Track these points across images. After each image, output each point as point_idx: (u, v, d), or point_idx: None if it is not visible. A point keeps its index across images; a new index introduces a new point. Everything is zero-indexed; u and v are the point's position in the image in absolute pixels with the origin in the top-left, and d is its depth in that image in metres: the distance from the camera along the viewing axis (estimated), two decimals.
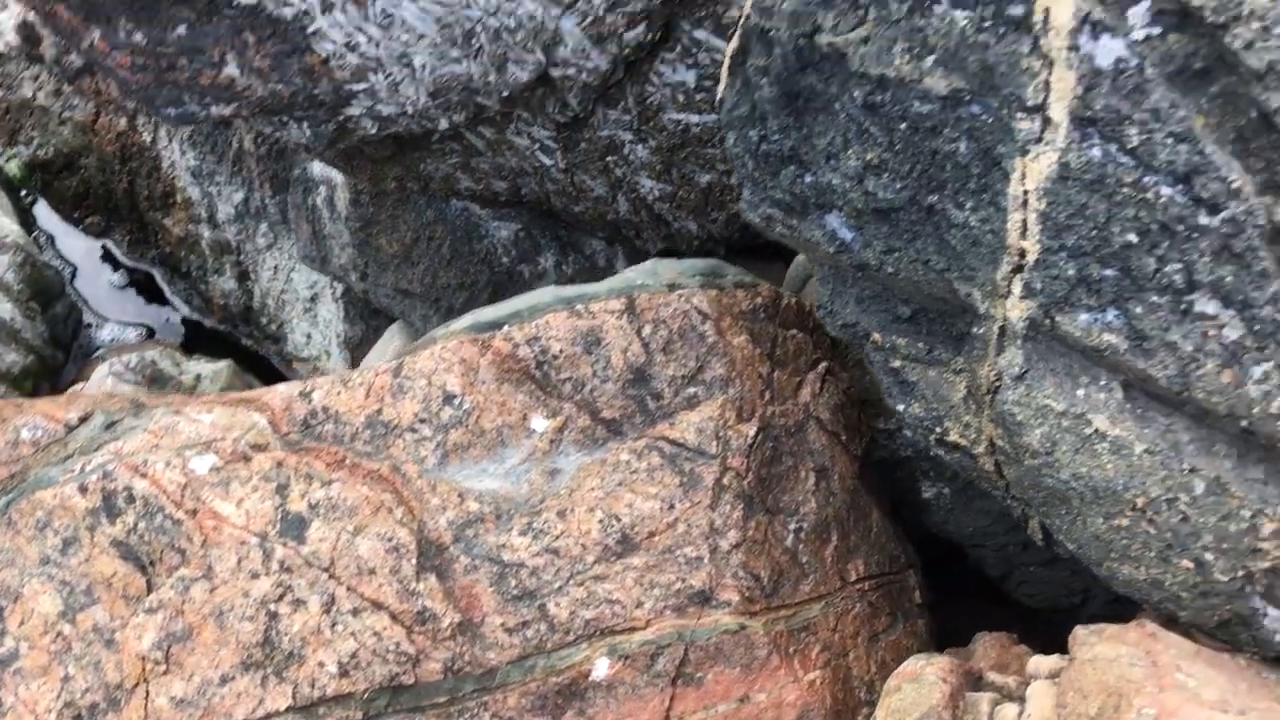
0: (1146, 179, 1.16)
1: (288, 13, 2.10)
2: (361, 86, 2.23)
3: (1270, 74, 1.09)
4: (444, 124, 2.35)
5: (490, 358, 1.64)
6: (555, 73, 2.24)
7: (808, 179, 1.40)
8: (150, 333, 3.72)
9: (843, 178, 1.35)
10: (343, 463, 1.50)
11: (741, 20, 1.44)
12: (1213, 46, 1.11)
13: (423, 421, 1.58)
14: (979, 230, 1.26)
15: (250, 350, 3.63)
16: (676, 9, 2.17)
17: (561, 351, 1.65)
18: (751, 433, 1.65)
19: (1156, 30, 1.13)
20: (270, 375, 3.51)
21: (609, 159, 2.53)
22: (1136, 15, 1.13)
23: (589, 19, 2.14)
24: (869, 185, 1.33)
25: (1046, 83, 1.18)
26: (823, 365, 1.80)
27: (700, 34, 2.23)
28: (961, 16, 1.20)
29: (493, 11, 2.12)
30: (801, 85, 1.35)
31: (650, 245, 2.79)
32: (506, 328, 1.66)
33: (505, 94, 2.26)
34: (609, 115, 2.41)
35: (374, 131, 2.36)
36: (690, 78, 2.28)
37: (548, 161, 2.56)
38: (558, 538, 1.52)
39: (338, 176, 2.82)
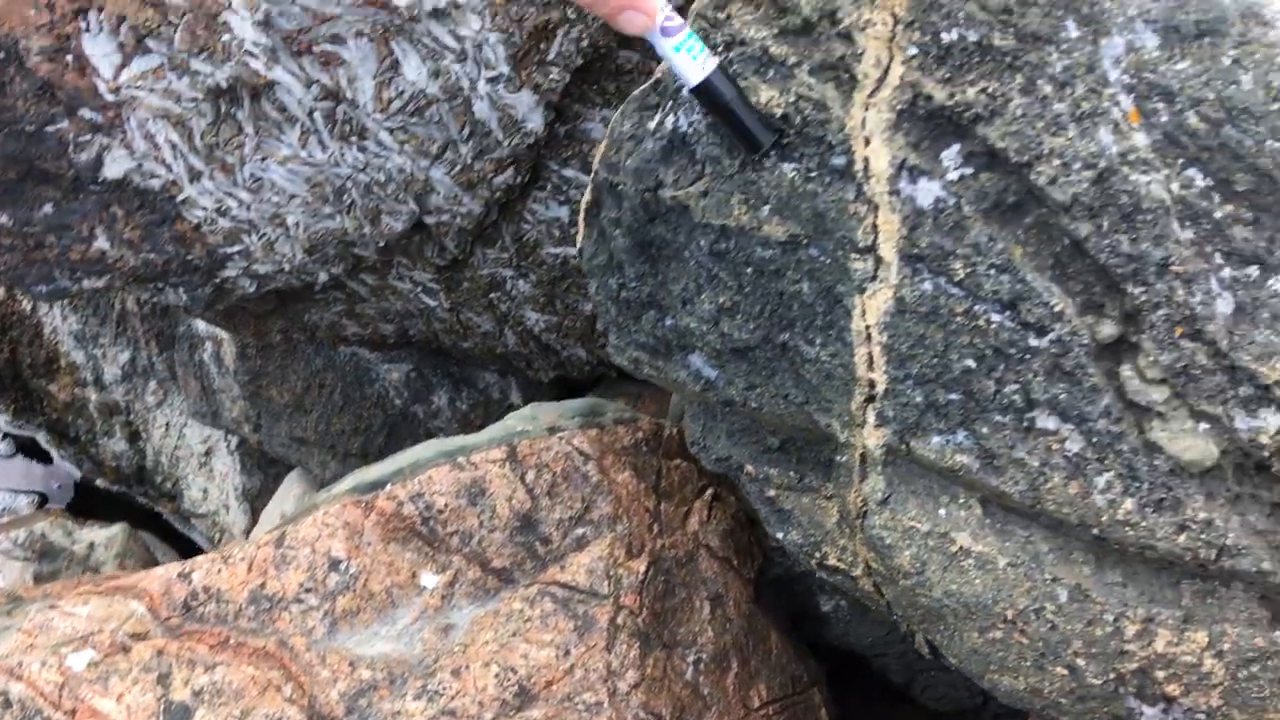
0: (976, 308, 1.22)
1: (155, 184, 2.12)
2: (236, 249, 2.24)
3: (1075, 205, 1.16)
4: (323, 277, 2.37)
5: (375, 518, 1.63)
6: (430, 220, 2.28)
7: (668, 322, 1.44)
8: (42, 500, 3.61)
9: (699, 320, 1.39)
10: (227, 643, 1.48)
11: (592, 175, 1.49)
12: (1021, 183, 1.19)
13: (309, 591, 1.56)
14: (830, 364, 1.31)
15: (147, 509, 3.55)
16: (543, 151, 2.24)
17: (447, 505, 1.66)
18: (642, 569, 1.66)
19: (969, 171, 1.20)
20: (169, 534, 3.43)
21: (492, 295, 2.57)
22: (949, 158, 1.21)
23: (458, 167, 2.19)
24: (724, 327, 1.38)
25: (874, 225, 1.24)
26: (709, 492, 1.83)
27: (569, 172, 2.29)
28: (789, 169, 1.26)
29: (362, 167, 2.16)
30: (652, 235, 1.40)
31: (542, 375, 2.82)
32: (389, 486, 1.66)
33: (382, 244, 2.30)
34: (488, 254, 2.46)
35: (253, 290, 2.36)
36: (563, 213, 2.34)
37: (432, 303, 2.58)
38: (454, 698, 1.50)
39: (223, 331, 2.81)
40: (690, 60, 1.14)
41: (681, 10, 1.27)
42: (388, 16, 2.00)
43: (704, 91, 1.15)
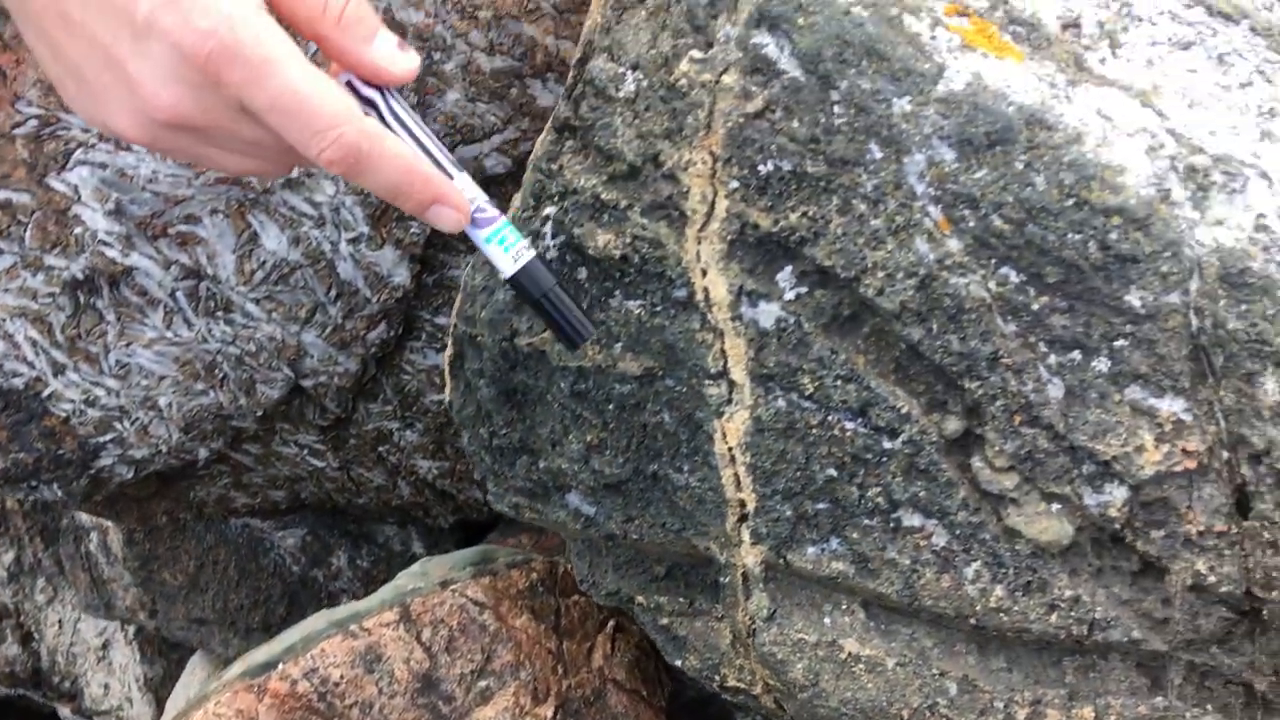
0: (830, 418, 1.27)
1: (18, 383, 2.08)
2: (109, 437, 2.20)
3: (904, 312, 1.22)
4: (204, 453, 2.33)
5: (269, 702, 1.59)
6: (307, 383, 2.27)
7: (541, 465, 1.46)
8: None
9: (570, 460, 1.41)
10: None
11: (451, 329, 1.51)
12: (853, 296, 1.24)
13: None
14: (700, 489, 1.34)
15: (48, 712, 3.38)
16: (413, 302, 2.26)
17: (343, 677, 1.62)
18: (550, 713, 1.64)
19: (804, 289, 1.26)
20: None
21: (381, 449, 2.55)
22: (784, 279, 1.26)
23: (329, 329, 2.20)
24: (595, 464, 1.40)
25: (722, 351, 1.28)
26: (610, 624, 1.83)
27: (442, 319, 2.32)
28: (635, 305, 1.30)
29: (231, 340, 2.15)
30: (515, 382, 1.42)
31: (442, 520, 2.80)
32: (281, 665, 1.62)
33: (260, 413, 2.28)
34: (371, 409, 2.45)
35: (131, 476, 2.31)
36: (441, 360, 2.36)
37: (320, 464, 2.55)
38: None
39: (107, 520, 2.73)
40: (503, 253, 1.12)
41: (521, 161, 1.31)
42: (241, 191, 2.03)
43: (518, 284, 1.13)
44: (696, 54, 1.24)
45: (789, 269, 1.26)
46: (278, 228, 2.08)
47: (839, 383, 1.25)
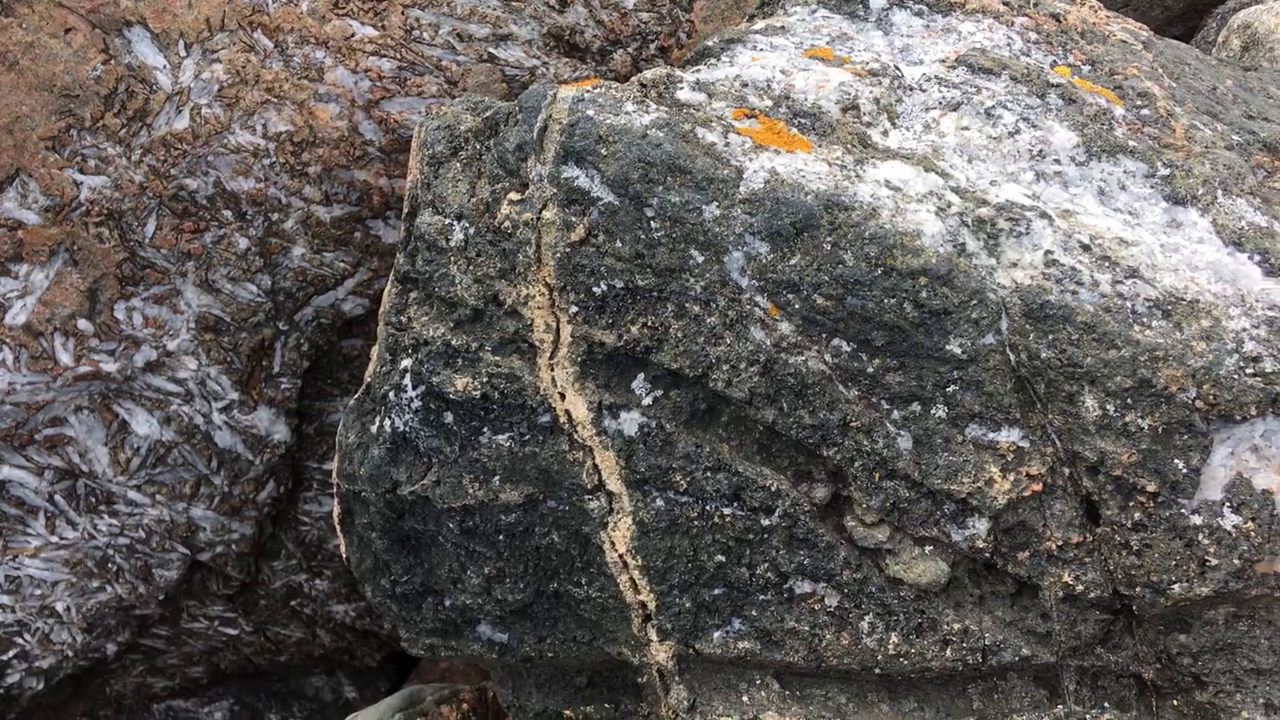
0: (708, 508, 1.33)
1: None
2: (11, 653, 2.15)
3: (754, 398, 1.30)
4: (112, 649, 2.29)
5: None
6: (204, 557, 2.26)
7: (447, 604, 1.49)
8: None
9: (472, 595, 1.45)
10: None
11: (335, 488, 1.54)
12: (705, 391, 1.32)
13: None
14: (601, 599, 1.39)
15: None
16: (298, 454, 2.27)
17: None
18: None
19: (659, 393, 1.33)
20: None
21: (293, 603, 2.54)
22: (639, 386, 1.33)
23: (217, 499, 2.19)
24: (497, 593, 1.43)
25: (594, 465, 1.34)
26: None
27: (329, 465, 2.33)
28: (504, 439, 1.35)
29: (118, 532, 2.13)
30: (406, 530, 1.46)
31: (369, 660, 2.78)
32: None
33: (161, 597, 2.25)
34: (275, 567, 2.44)
35: (42, 686, 2.26)
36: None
37: (233, 631, 2.52)
38: None
39: None
40: None
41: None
42: (102, 384, 2.02)
43: None
44: (514, 196, 1.31)
45: (641, 376, 1.33)
46: (146, 412, 2.08)
47: (709, 473, 1.32)
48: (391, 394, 1.39)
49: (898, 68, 1.44)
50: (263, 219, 2.01)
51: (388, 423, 1.41)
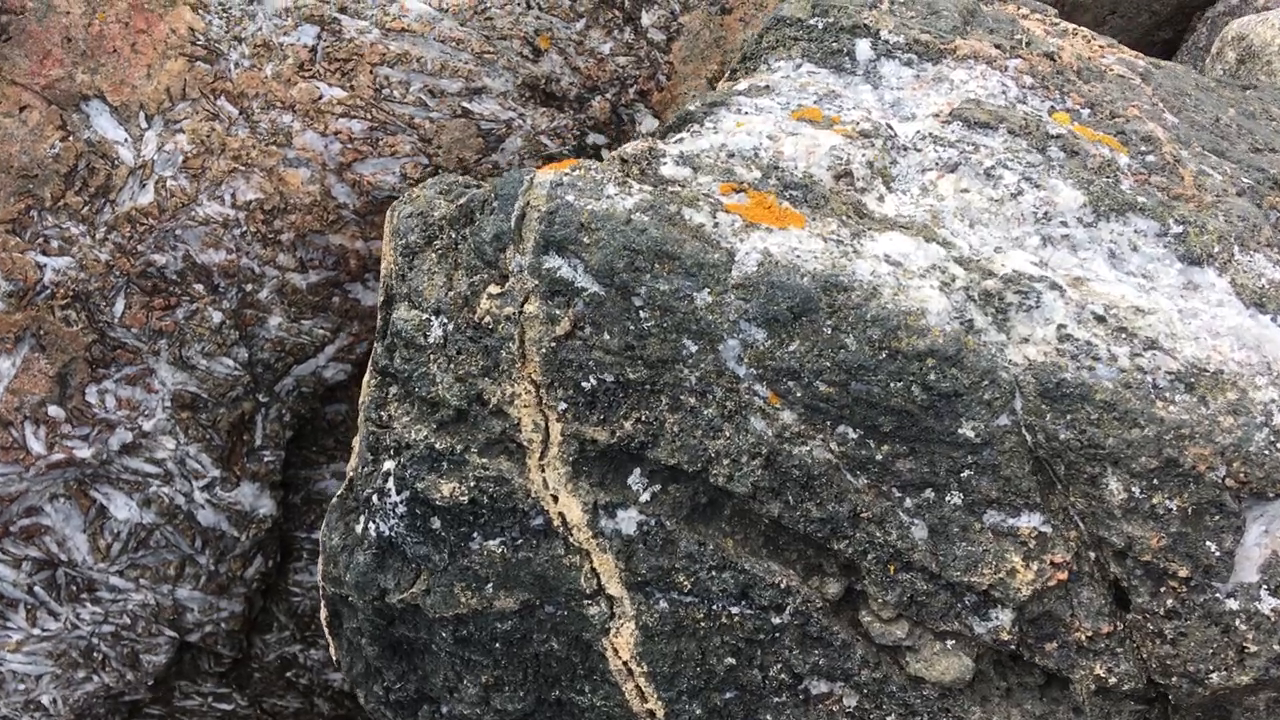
0: (715, 608, 1.26)
1: None
2: None
3: (758, 491, 1.22)
4: None
5: None
6: (193, 637, 2.18)
7: (444, 711, 1.41)
8: None
9: (469, 704, 1.37)
10: None
11: (320, 589, 1.47)
12: (705, 485, 1.24)
13: None
14: (605, 707, 1.32)
15: None
16: (285, 526, 2.20)
17: None
18: None
19: (657, 488, 1.26)
20: None
21: (289, 674, 2.46)
22: (635, 483, 1.26)
23: (203, 579, 2.12)
24: (496, 702, 1.36)
25: (592, 569, 1.27)
26: None
27: (318, 534, 2.25)
28: (496, 544, 1.28)
29: (102, 620, 2.06)
30: (397, 637, 1.39)
31: None
32: None
33: (151, 682, 2.18)
34: (268, 640, 2.36)
35: None
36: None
37: (228, 707, 2.45)
38: None
39: None
40: None
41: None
42: (77, 470, 1.95)
43: None
44: (494, 289, 1.24)
45: (637, 471, 1.26)
46: (124, 495, 2.01)
47: (714, 572, 1.25)
48: (375, 497, 1.31)
49: (890, 125, 1.37)
50: (236, 290, 1.94)
51: (372, 526, 1.34)
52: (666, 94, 2.08)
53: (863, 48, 1.44)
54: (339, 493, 1.44)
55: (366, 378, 1.39)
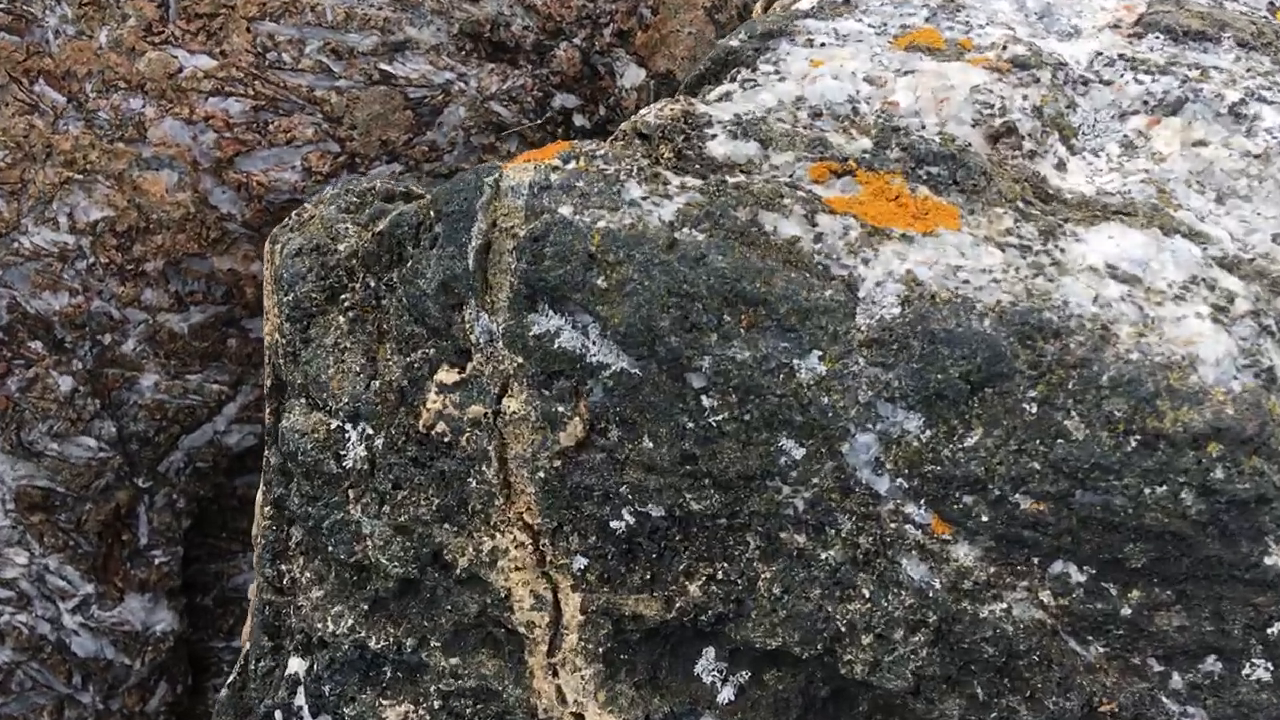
0: None
1: None
2: None
3: (925, 684, 0.73)
4: None
5: None
6: None
7: None
8: None
9: None
10: None
11: None
12: (827, 672, 0.74)
13: None
14: None
15: None
16: (194, 639, 1.72)
17: None
18: None
19: (744, 678, 0.75)
20: None
21: None
22: (706, 673, 0.75)
23: None
24: None
25: None
26: None
27: (238, 642, 1.77)
28: None
29: None
30: None
31: None
32: None
33: None
34: None
35: None
36: None
37: None
38: None
39: None
40: None
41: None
42: None
43: None
44: (447, 375, 0.72)
45: (710, 654, 0.75)
46: None
47: None
48: (279, 715, 0.80)
49: (1051, 51, 0.86)
50: (89, 345, 1.45)
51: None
52: (653, 32, 1.55)
53: None
54: (229, 680, 0.93)
55: (259, 498, 0.87)
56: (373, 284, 0.76)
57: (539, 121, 1.52)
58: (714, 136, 0.78)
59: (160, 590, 1.59)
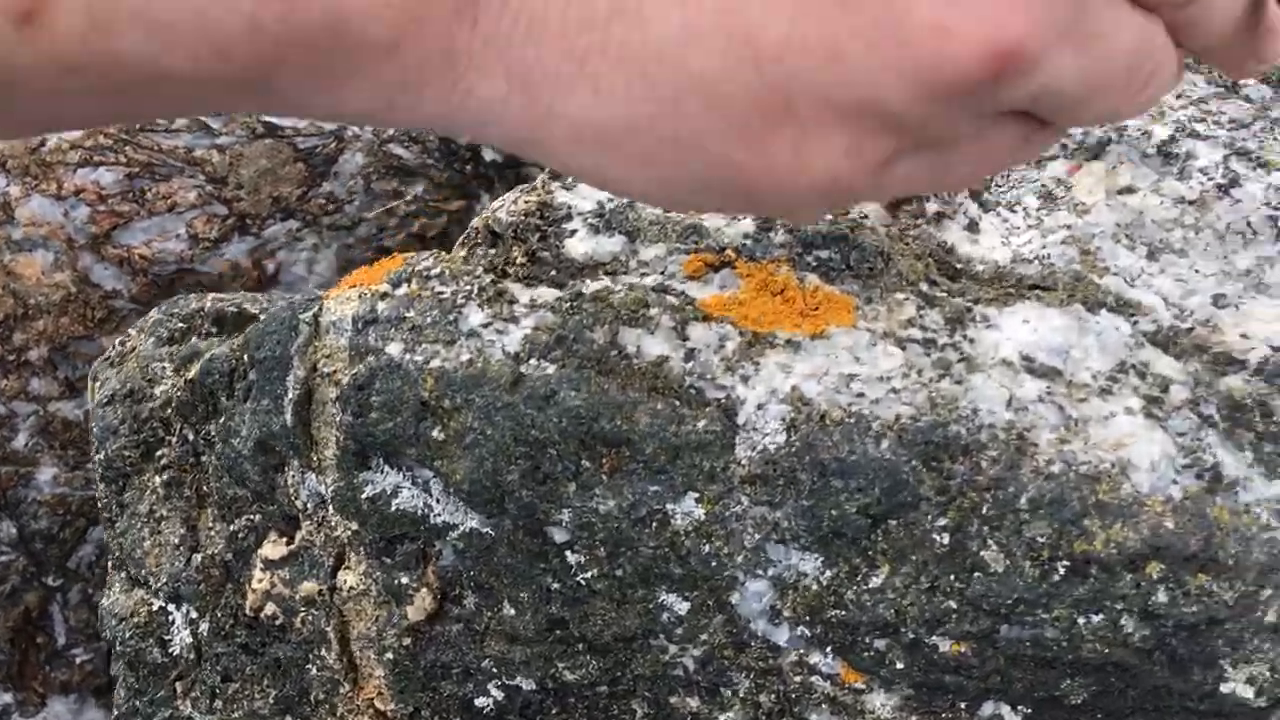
0: None
1: None
2: None
3: None
4: None
5: None
6: None
7: None
8: None
9: None
10: None
11: None
12: None
13: None
14: None
15: None
16: None
17: None
18: None
19: None
20: None
21: None
22: None
23: None
24: None
25: None
26: None
27: None
28: None
29: None
30: None
31: None
32: None
33: None
34: None
35: None
36: None
37: None
38: None
39: None
40: None
41: None
42: None
43: None
44: (274, 547, 0.62)
45: None
46: None
47: None
48: None
49: None
50: None
51: None
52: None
53: None
54: None
55: (119, 682, 0.77)
56: (190, 437, 0.66)
57: (444, 161, 1.42)
58: (574, 233, 0.68)
59: (85, 689, 1.50)
